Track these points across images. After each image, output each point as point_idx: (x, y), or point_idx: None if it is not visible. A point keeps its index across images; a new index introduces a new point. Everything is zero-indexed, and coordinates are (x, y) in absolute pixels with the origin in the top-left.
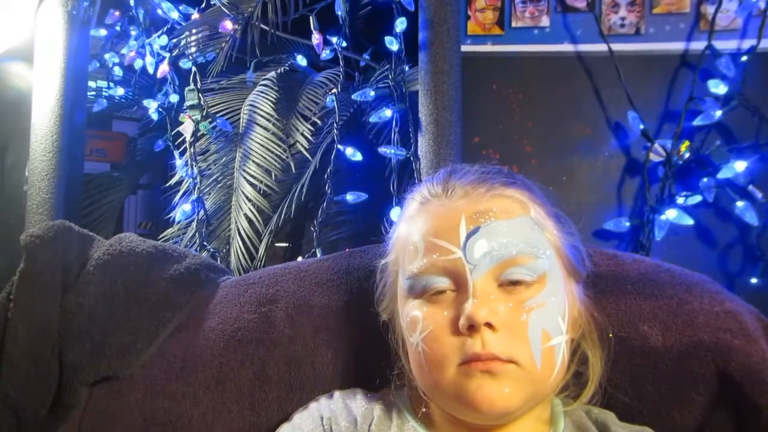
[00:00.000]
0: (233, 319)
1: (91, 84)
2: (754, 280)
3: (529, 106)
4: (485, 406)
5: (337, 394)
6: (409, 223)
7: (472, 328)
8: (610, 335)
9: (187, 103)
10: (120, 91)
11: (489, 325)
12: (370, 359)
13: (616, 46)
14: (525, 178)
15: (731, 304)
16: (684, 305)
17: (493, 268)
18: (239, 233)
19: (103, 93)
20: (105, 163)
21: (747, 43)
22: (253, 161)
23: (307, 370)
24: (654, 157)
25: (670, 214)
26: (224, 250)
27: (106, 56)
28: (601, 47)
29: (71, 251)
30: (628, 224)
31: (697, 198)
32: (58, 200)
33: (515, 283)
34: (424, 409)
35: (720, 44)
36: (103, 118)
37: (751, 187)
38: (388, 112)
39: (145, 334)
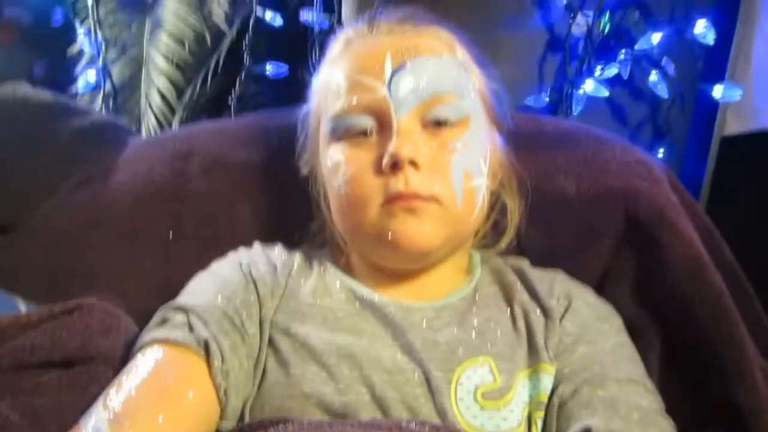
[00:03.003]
0: (144, 173)
1: None
2: (661, 153)
3: None
4: (407, 243)
5: (256, 244)
6: (332, 65)
7: (395, 166)
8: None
9: None
10: None
11: (412, 163)
12: (290, 216)
13: None
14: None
15: (641, 155)
16: (598, 155)
17: (418, 107)
18: (151, 108)
19: None
20: None
21: None
22: (165, 31)
23: (224, 225)
24: (575, 30)
25: (587, 87)
26: (135, 127)
27: None
28: None
29: None
30: (547, 99)
31: (614, 70)
32: None
33: (439, 124)
34: (345, 259)
35: None
36: None
37: (664, 61)
38: None
39: (43, 185)
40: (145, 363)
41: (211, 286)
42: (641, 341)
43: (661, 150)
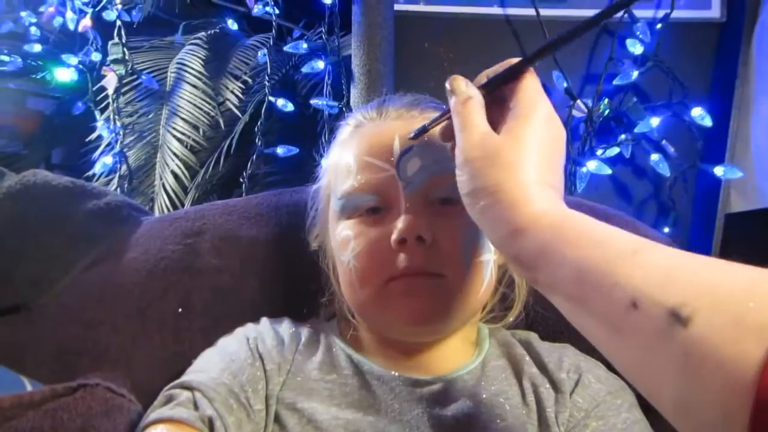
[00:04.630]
0: (156, 250)
1: None
2: (666, 230)
3: (459, 65)
4: (414, 318)
5: (264, 319)
6: (342, 146)
7: (403, 242)
8: None
9: (111, 57)
10: (37, 48)
11: (420, 239)
12: (298, 291)
13: (543, 11)
14: None
15: (645, 230)
16: None
17: (426, 186)
18: (165, 189)
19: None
20: None
21: (662, 12)
22: (180, 117)
23: (234, 300)
24: (576, 114)
25: (591, 165)
26: (148, 207)
27: (22, 14)
28: (529, 11)
29: None
30: None
31: (615, 150)
32: None
33: (446, 202)
34: (353, 332)
35: (638, 13)
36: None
37: (664, 142)
38: (320, 64)
39: (59, 265)
40: None
41: (217, 362)
42: (655, 418)
43: (667, 227)
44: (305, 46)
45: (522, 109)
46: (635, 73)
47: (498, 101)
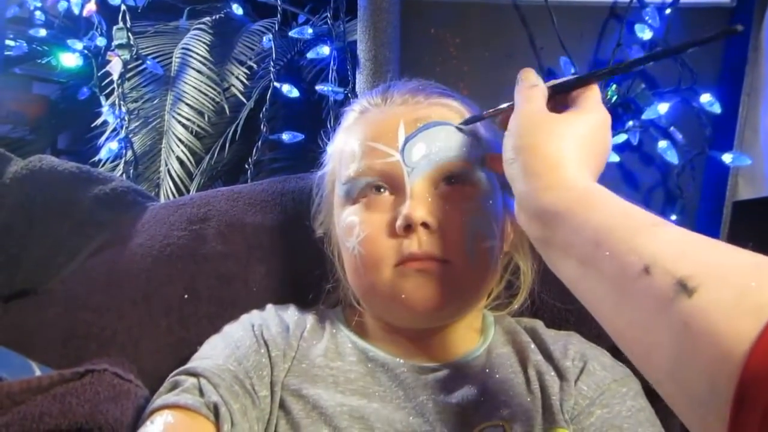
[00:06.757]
0: (162, 236)
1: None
2: (674, 217)
3: (465, 51)
4: (419, 304)
5: (269, 306)
6: (347, 132)
7: (408, 228)
8: None
9: (116, 42)
10: (42, 32)
11: (425, 225)
12: (304, 277)
13: None
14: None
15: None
16: None
17: (431, 172)
18: (170, 175)
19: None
20: None
21: None
22: (185, 103)
23: (239, 286)
24: None
25: None
26: (154, 193)
27: None
28: None
29: None
30: None
31: (623, 137)
32: None
33: (451, 181)
34: (358, 319)
35: None
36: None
37: (672, 129)
38: (326, 49)
39: (66, 250)
40: (154, 429)
41: (222, 348)
42: (662, 405)
43: (674, 215)
44: (310, 31)
45: (582, 107)
46: None
47: (560, 109)
